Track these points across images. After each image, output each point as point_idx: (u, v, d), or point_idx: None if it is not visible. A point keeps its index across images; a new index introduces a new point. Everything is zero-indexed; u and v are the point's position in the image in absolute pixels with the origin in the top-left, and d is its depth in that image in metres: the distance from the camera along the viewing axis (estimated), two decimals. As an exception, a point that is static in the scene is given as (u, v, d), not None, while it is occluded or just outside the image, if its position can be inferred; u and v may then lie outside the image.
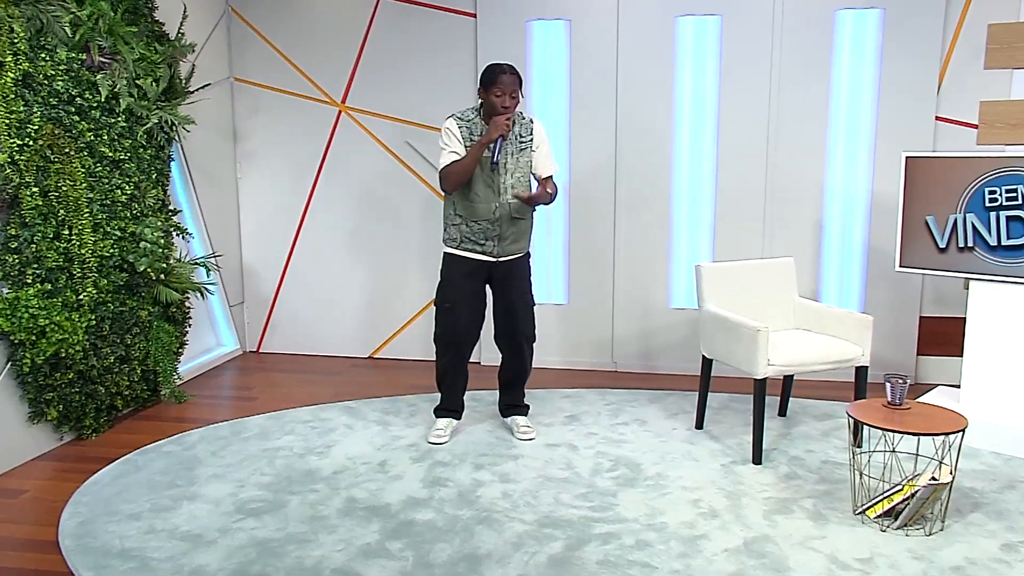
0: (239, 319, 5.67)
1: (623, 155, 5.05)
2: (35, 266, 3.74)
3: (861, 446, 3.86)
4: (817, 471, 3.65)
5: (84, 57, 4.00)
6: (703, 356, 4.13)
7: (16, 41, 3.61)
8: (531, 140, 3.86)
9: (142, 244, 4.25)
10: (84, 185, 3.97)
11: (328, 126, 5.42)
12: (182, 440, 4.07)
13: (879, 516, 3.10)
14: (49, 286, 3.80)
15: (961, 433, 3.03)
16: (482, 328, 4.03)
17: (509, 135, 3.77)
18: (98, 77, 4.07)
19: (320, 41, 5.35)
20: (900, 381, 3.19)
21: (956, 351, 4.62)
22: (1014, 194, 3.76)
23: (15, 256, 3.69)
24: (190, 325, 4.87)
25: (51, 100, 3.81)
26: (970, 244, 3.90)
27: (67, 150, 3.88)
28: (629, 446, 3.98)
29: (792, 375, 4.21)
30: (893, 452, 3.21)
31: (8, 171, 3.60)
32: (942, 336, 4.79)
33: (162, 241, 4.36)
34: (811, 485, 3.51)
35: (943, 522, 3.10)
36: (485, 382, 4.67)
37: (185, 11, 4.69)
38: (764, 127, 4.87)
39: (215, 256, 4.89)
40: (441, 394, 4.12)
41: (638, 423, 4.28)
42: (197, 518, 3.23)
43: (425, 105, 5.23)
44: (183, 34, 4.64)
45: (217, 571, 2.85)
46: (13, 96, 3.59)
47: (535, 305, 4.06)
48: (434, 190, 5.27)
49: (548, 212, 5.16)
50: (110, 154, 4.16)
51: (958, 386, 4.16)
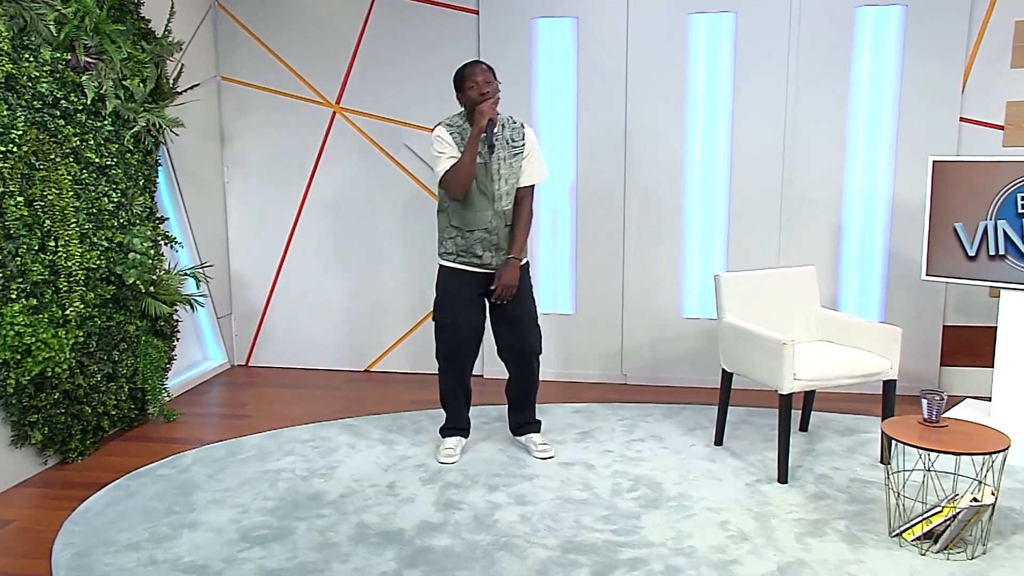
0: (227, 331, 5.62)
1: (633, 158, 5.05)
2: (19, 280, 3.68)
3: (889, 463, 3.89)
4: (846, 490, 3.66)
5: (69, 57, 3.95)
6: (723, 370, 4.13)
7: (-1, 41, 3.56)
8: (523, 145, 3.86)
9: (130, 255, 4.21)
10: (70, 193, 3.92)
11: (321, 128, 5.38)
12: (175, 463, 4.02)
13: (917, 539, 3.12)
14: (35, 301, 3.74)
15: (1004, 452, 3.05)
16: (482, 341, 4.03)
17: (502, 133, 3.80)
18: (83, 78, 4.02)
19: (313, 38, 5.32)
20: (936, 397, 3.20)
21: (982, 361, 4.67)
22: (1047, 200, 3.80)
23: (-1, 270, 3.65)
24: (178, 339, 4.82)
25: (35, 103, 3.76)
26: (1001, 252, 3.93)
27: (52, 156, 3.83)
28: (647, 464, 3.97)
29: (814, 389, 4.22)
30: (928, 471, 3.23)
31: (-9, 179, 3.55)
32: (967, 346, 4.83)
33: (151, 252, 4.32)
34: (842, 505, 3.52)
35: (985, 545, 3.11)
36: (489, 396, 4.66)
37: (172, 6, 4.64)
38: (780, 129, 4.89)
39: (205, 266, 4.84)
40: (446, 413, 4.11)
41: (654, 439, 4.28)
42: (200, 547, 3.20)
43: (424, 107, 5.20)
44: (170, 31, 4.60)
45: (226, 605, 2.82)
46: (-4, 100, 3.55)
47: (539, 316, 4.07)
48: (435, 196, 5.24)
49: (553, 217, 5.17)
50: (96, 160, 4.11)
51: (987, 398, 4.19)
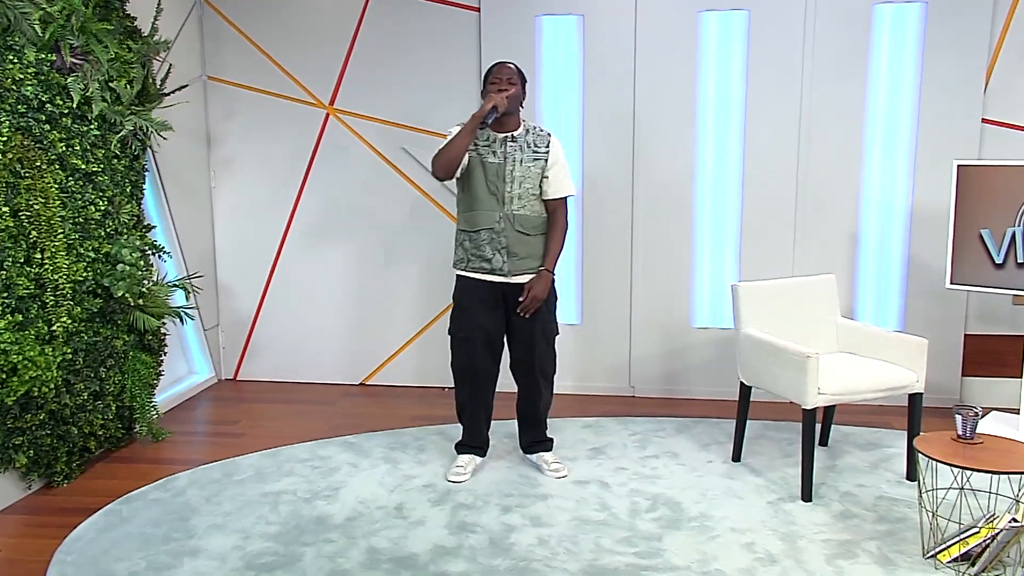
0: (214, 344, 5.58)
1: (641, 162, 5.06)
2: (4, 295, 3.64)
3: (915, 479, 3.92)
4: (873, 508, 3.68)
5: (54, 58, 3.91)
6: (741, 383, 4.15)
7: (-17, 42, 3.52)
8: (547, 154, 3.89)
9: (119, 267, 4.17)
10: (57, 203, 3.88)
11: (314, 130, 5.36)
12: (169, 485, 3.98)
13: (953, 561, 3.13)
14: (20, 317, 3.69)
15: (1044, 469, 3.07)
16: (501, 357, 4.03)
17: (525, 138, 3.86)
18: (69, 80, 3.98)
19: (305, 36, 5.29)
20: (971, 413, 3.23)
21: (1006, 372, 4.71)
22: (1076, 206, 3.84)
23: (-18, 284, 3.60)
24: (165, 354, 4.78)
25: (19, 107, 3.71)
26: (1030, 259, 3.98)
27: (38, 163, 3.79)
28: (664, 482, 3.98)
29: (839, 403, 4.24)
30: (962, 490, 3.25)
31: (-25, 189, 3.51)
32: (990, 355, 4.87)
33: (141, 262, 4.28)
34: (870, 525, 3.53)
35: None
36: (498, 411, 4.64)
37: (159, 3, 4.60)
38: (795, 131, 4.91)
39: (195, 276, 4.80)
40: (463, 428, 4.13)
41: (669, 456, 4.29)
42: (203, 577, 3.17)
43: (423, 108, 5.20)
44: (156, 28, 4.56)
45: (236, 639, 2.79)
46: (-20, 104, 3.51)
47: (558, 335, 4.08)
48: (435, 202, 5.24)
49: (559, 224, 5.16)
50: (83, 166, 4.07)
51: (1014, 410, 4.23)
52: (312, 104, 5.35)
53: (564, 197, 3.94)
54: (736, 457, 4.22)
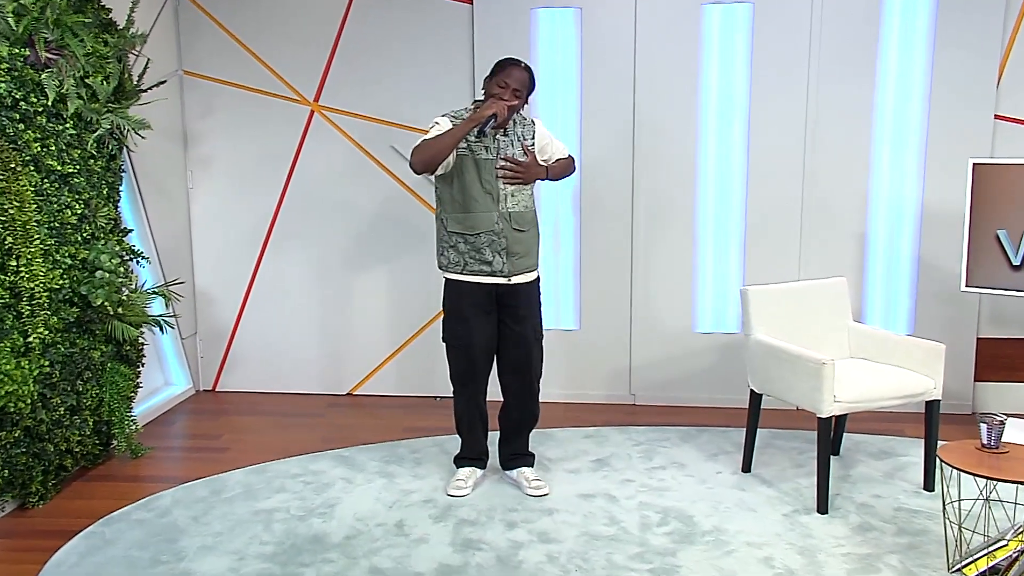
0: (192, 353, 5.52)
1: (641, 161, 5.07)
2: (-21, 305, 3.59)
3: (932, 489, 3.96)
4: (892, 520, 3.71)
5: (28, 53, 3.86)
6: (751, 391, 4.17)
7: (-45, 37, 3.46)
8: (533, 144, 3.93)
9: (97, 274, 4.11)
10: (32, 207, 3.82)
11: (298, 128, 5.33)
12: (152, 504, 3.94)
13: (980, 575, 3.16)
14: (-5, 328, 3.64)
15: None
16: (493, 359, 4.04)
17: (512, 130, 3.89)
18: (43, 76, 3.92)
19: (288, 28, 5.26)
20: (996, 421, 3.26)
21: (1019, 376, 4.76)
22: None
23: (-45, 293, 3.54)
24: (143, 365, 4.72)
25: (-7, 106, 3.66)
26: (1048, 261, 4.03)
27: (12, 165, 3.73)
28: (673, 495, 3.99)
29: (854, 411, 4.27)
30: (988, 501, 3.28)
31: (-52, 192, 3.45)
32: (1003, 360, 4.93)
33: (120, 269, 4.23)
34: (890, 538, 3.56)
35: (1052, 578, 3.18)
36: (492, 422, 4.63)
37: (136, -6, 4.56)
38: (801, 129, 4.95)
39: (175, 283, 4.75)
40: (461, 440, 4.12)
41: (676, 467, 4.30)
42: (197, 602, 3.14)
43: (412, 105, 5.18)
44: (133, 21, 4.51)
45: (238, 667, 2.76)
46: (-48, 102, 3.45)
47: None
48: (425, 203, 5.23)
49: (556, 225, 5.16)
50: (59, 168, 4.01)
51: (1028, 417, 4.28)
52: (295, 101, 5.31)
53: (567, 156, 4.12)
54: (746, 467, 4.24)
